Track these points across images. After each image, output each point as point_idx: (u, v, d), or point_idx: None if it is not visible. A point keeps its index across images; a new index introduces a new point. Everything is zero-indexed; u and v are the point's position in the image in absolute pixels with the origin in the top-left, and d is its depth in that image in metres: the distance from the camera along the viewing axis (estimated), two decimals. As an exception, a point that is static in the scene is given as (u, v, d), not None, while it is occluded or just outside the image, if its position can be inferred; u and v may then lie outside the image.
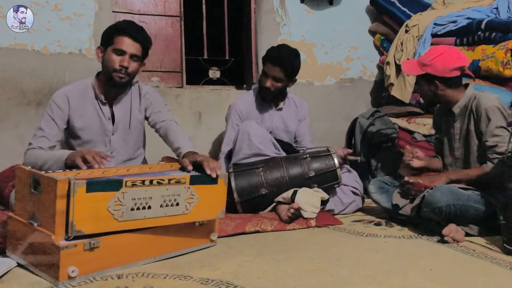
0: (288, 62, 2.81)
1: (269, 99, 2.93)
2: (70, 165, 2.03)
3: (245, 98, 3.01)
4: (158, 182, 1.77)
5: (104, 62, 2.27)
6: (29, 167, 1.86)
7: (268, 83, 2.83)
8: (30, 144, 2.24)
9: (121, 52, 2.22)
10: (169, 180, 1.80)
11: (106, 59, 2.25)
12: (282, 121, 3.00)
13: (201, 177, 1.91)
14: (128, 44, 2.23)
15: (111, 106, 2.36)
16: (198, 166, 1.97)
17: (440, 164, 2.53)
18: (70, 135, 2.34)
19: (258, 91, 2.98)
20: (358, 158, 3.22)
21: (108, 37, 2.26)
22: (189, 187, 1.85)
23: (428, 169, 2.40)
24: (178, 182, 1.82)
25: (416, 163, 2.32)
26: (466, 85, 2.42)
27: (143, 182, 1.73)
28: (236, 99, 3.09)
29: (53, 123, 2.25)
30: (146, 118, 2.45)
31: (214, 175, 1.91)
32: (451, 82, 2.34)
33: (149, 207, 1.76)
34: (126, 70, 2.23)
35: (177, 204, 1.82)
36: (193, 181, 1.87)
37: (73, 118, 2.30)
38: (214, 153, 3.46)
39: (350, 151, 2.89)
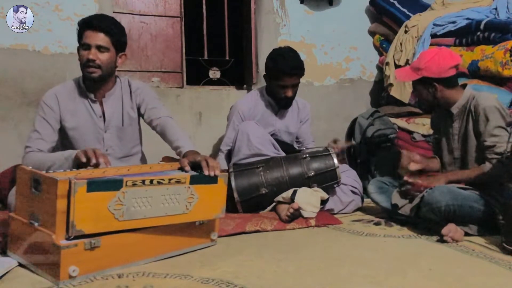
0: (302, 66, 2.84)
1: (290, 105, 2.95)
2: (78, 163, 2.02)
3: (248, 100, 2.99)
4: (158, 182, 1.77)
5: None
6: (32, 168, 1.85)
7: (290, 93, 2.84)
8: (27, 147, 2.21)
9: (86, 46, 2.20)
10: (169, 179, 1.81)
11: (79, 56, 2.24)
12: (284, 124, 3.00)
13: (201, 176, 1.91)
14: (91, 36, 2.19)
15: (101, 104, 2.34)
16: (197, 165, 1.96)
17: (438, 165, 2.53)
18: (63, 136, 2.32)
19: (262, 93, 2.97)
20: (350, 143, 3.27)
21: (78, 36, 2.24)
22: (189, 187, 1.86)
23: (427, 171, 2.40)
24: (178, 181, 1.83)
25: (413, 167, 2.32)
26: (464, 86, 2.43)
27: (143, 181, 1.74)
28: (239, 100, 3.08)
29: (47, 124, 2.24)
30: (142, 116, 2.41)
31: (212, 174, 1.91)
32: (449, 82, 2.34)
33: (150, 207, 1.76)
34: (94, 62, 2.18)
35: (178, 203, 1.83)
36: (193, 180, 1.87)
37: (64, 118, 2.28)
38: (214, 153, 3.47)
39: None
